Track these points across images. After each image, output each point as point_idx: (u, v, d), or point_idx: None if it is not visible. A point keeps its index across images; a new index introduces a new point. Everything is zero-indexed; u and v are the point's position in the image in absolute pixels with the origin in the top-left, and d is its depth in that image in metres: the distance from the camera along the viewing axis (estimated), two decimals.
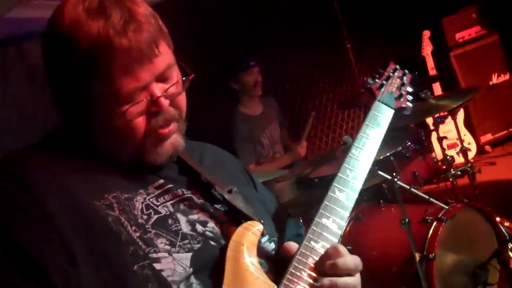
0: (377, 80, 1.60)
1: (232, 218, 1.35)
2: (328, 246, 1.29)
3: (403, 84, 1.62)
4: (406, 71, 1.67)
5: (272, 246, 1.41)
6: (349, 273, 1.27)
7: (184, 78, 1.32)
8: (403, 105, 1.59)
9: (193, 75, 1.32)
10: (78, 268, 1.13)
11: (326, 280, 1.24)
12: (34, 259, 1.11)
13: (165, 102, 1.25)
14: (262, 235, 1.34)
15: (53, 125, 1.39)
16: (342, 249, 1.28)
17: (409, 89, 1.63)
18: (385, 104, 1.54)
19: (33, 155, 1.29)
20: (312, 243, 1.29)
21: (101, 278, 1.14)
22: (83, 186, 1.23)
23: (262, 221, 1.36)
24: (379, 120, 1.50)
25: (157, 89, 1.24)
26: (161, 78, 1.26)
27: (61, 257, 1.13)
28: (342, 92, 6.23)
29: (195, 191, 1.37)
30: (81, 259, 1.14)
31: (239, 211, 1.35)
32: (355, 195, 1.37)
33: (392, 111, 1.54)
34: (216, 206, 1.37)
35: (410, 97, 1.62)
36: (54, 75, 1.26)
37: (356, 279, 1.29)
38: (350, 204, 1.35)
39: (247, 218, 1.33)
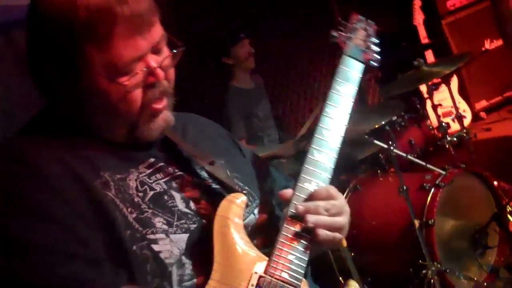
0: (342, 33, 1.53)
1: (219, 191, 1.34)
2: None
3: (368, 36, 1.55)
4: (371, 22, 1.58)
5: (260, 214, 1.41)
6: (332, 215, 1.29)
7: (175, 50, 1.31)
8: (371, 57, 1.52)
9: (184, 48, 1.31)
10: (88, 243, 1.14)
11: (311, 217, 1.25)
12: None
13: (161, 73, 1.25)
14: (248, 205, 1.34)
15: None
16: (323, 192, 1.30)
17: (375, 40, 1.55)
18: (353, 58, 1.48)
19: (24, 138, 1.29)
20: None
21: (105, 259, 1.15)
22: (80, 165, 1.22)
23: (245, 192, 1.35)
24: (349, 75, 1.45)
25: (153, 60, 1.24)
26: (155, 49, 1.25)
27: (70, 236, 1.14)
28: (335, 65, 6.19)
29: (183, 168, 1.36)
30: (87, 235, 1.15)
31: (222, 183, 1.35)
32: (333, 155, 1.35)
33: (362, 65, 1.48)
34: (204, 180, 1.36)
35: (376, 49, 1.54)
36: (44, 53, 1.23)
37: (341, 219, 1.31)
38: (330, 165, 1.33)
39: (231, 190, 1.33)
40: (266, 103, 4.56)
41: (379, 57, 1.53)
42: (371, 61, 1.53)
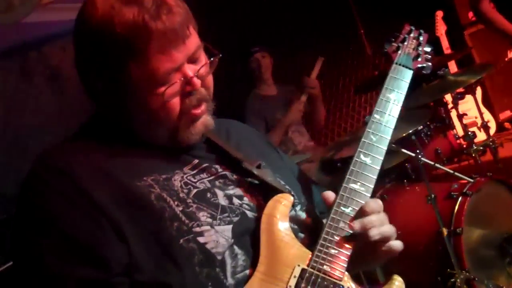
0: (393, 44, 1.60)
1: (264, 192, 1.40)
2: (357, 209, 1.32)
3: (419, 44, 1.62)
4: (422, 31, 1.66)
5: (304, 215, 1.46)
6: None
7: (212, 59, 1.37)
8: (421, 65, 1.59)
9: (220, 55, 1.37)
10: (129, 245, 1.20)
11: (374, 231, 1.29)
12: (88, 245, 1.19)
13: (197, 82, 1.31)
14: (293, 205, 1.40)
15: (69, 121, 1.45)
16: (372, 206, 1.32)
17: (427, 49, 1.63)
18: (403, 66, 1.54)
19: (70, 145, 1.36)
20: (342, 207, 1.33)
21: (151, 254, 1.21)
22: (123, 170, 1.28)
23: (292, 193, 1.41)
24: (398, 83, 1.51)
25: (190, 70, 1.30)
26: (192, 59, 1.31)
27: (112, 238, 1.20)
28: (358, 78, 6.23)
29: (228, 168, 1.42)
30: (131, 237, 1.20)
31: (269, 185, 1.40)
32: (380, 158, 1.40)
33: (411, 72, 1.54)
34: (248, 180, 1.42)
35: (428, 56, 1.61)
36: (89, 66, 1.31)
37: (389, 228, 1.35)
38: (377, 167, 1.38)
39: (277, 191, 1.38)
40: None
41: (430, 64, 1.60)
42: (421, 68, 1.59)
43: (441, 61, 4.18)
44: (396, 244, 1.35)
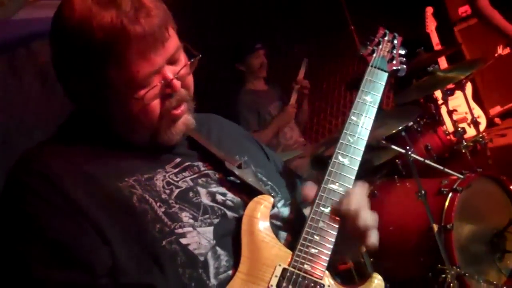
0: (368, 47, 1.63)
1: (245, 191, 1.40)
2: None
3: (394, 47, 1.65)
4: (396, 34, 1.69)
5: (287, 210, 1.47)
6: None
7: (192, 60, 1.36)
8: (396, 67, 1.62)
9: (200, 56, 1.37)
10: (112, 248, 1.19)
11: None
12: (68, 246, 1.18)
13: (177, 83, 1.31)
14: (274, 204, 1.41)
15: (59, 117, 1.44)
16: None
17: (401, 51, 1.65)
18: (378, 68, 1.57)
19: (50, 147, 1.34)
20: (321, 208, 1.35)
21: (134, 256, 1.20)
22: (104, 171, 1.28)
23: (273, 193, 1.43)
24: (374, 85, 1.53)
25: (169, 72, 1.29)
26: (172, 60, 1.30)
27: (95, 241, 1.19)
28: (349, 74, 6.23)
29: (210, 167, 1.43)
30: (113, 240, 1.20)
31: (249, 186, 1.40)
32: (358, 159, 1.41)
33: (386, 74, 1.56)
34: (230, 178, 1.42)
35: (402, 59, 1.64)
36: (68, 69, 1.29)
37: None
38: (354, 167, 1.40)
39: (258, 192, 1.39)
40: (280, 104, 4.64)
41: (405, 66, 1.63)
42: (396, 71, 1.62)
43: (431, 57, 4.19)
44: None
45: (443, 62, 5.41)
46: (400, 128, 3.39)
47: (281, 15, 5.61)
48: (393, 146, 3.14)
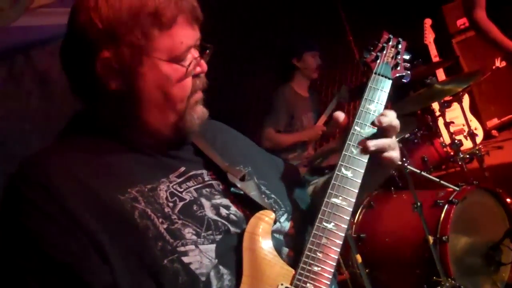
0: (372, 53, 1.54)
1: (248, 205, 1.37)
2: (340, 225, 1.30)
3: (398, 53, 1.55)
4: (400, 39, 1.60)
5: (290, 225, 1.44)
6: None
7: (207, 51, 1.38)
8: (400, 74, 1.52)
9: (213, 47, 1.38)
10: (112, 266, 1.16)
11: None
12: (66, 264, 1.15)
13: (205, 65, 1.36)
14: (276, 220, 1.36)
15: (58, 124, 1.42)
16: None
17: (405, 57, 1.56)
18: (382, 76, 1.49)
19: (51, 157, 1.28)
20: (324, 223, 1.30)
21: (134, 274, 1.17)
22: (106, 183, 1.24)
23: (275, 207, 1.41)
24: (378, 93, 1.45)
25: (196, 53, 1.34)
26: (195, 45, 1.35)
27: (95, 259, 1.16)
28: (348, 85, 6.24)
29: (214, 176, 1.40)
30: (113, 258, 1.16)
31: (251, 200, 1.37)
32: (361, 171, 1.36)
33: (390, 82, 1.48)
34: (234, 190, 1.39)
35: (407, 65, 1.55)
36: (102, 39, 1.25)
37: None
38: (358, 180, 1.34)
39: (259, 207, 1.35)
40: (311, 117, 4.64)
41: (409, 72, 1.54)
42: (400, 77, 1.54)
43: (429, 69, 4.21)
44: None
45: (441, 74, 5.43)
46: (397, 139, 3.38)
47: (281, 26, 5.62)
48: None
